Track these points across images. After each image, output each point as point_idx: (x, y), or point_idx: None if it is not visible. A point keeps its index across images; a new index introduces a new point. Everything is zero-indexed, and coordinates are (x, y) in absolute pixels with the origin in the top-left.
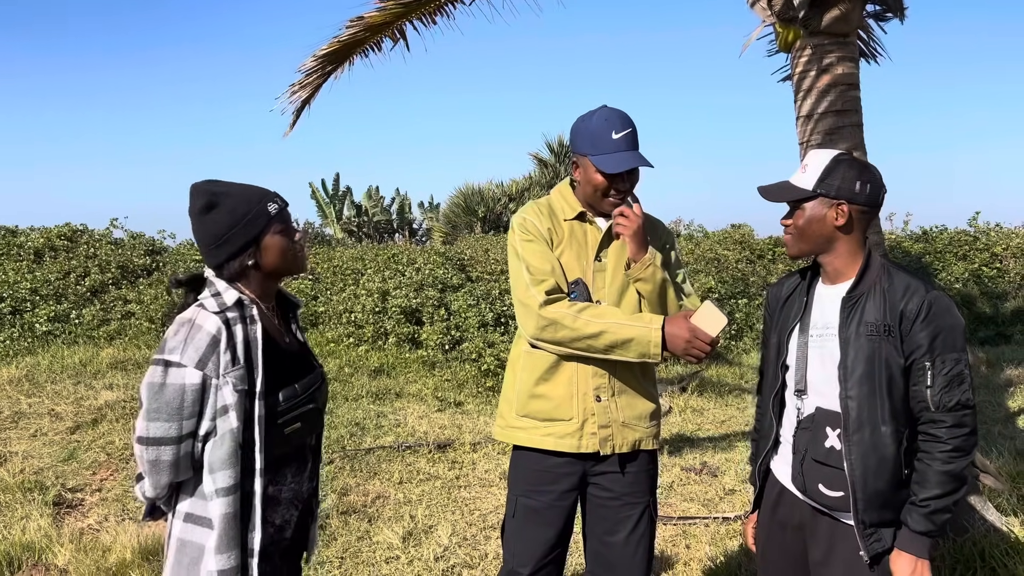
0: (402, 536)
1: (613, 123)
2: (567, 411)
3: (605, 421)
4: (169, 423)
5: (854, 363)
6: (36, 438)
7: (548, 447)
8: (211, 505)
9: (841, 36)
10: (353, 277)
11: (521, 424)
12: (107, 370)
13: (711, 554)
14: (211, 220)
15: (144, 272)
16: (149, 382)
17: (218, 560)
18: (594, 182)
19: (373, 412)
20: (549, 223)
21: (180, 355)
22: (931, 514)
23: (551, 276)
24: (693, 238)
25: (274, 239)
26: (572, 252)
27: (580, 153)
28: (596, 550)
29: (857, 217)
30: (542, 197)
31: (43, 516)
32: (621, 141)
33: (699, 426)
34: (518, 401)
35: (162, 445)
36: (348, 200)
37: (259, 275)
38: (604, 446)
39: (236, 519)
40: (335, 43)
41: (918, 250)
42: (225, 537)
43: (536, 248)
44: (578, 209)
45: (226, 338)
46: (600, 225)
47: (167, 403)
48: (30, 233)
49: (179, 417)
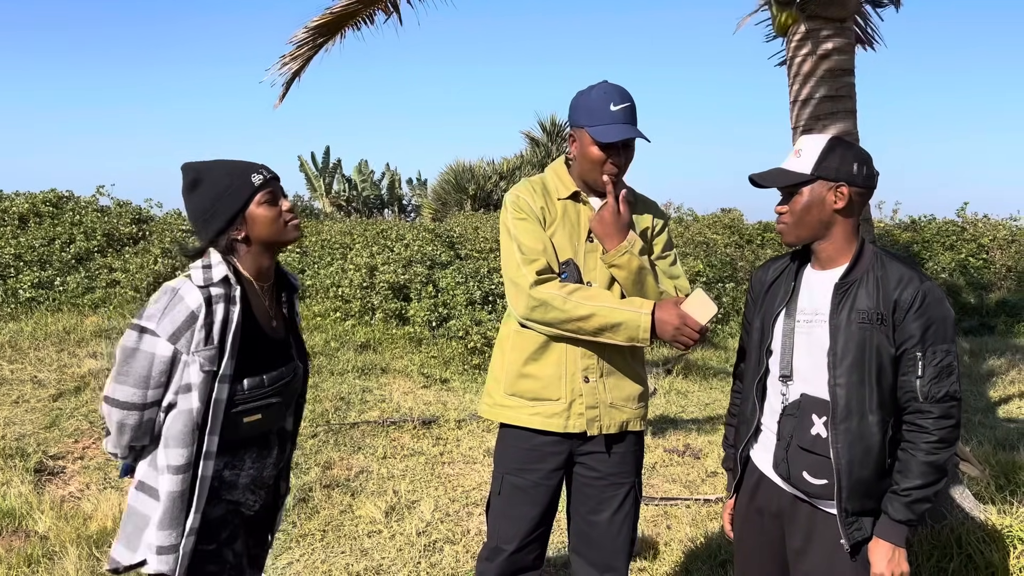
0: (385, 511)
1: (612, 96)
2: (555, 391)
3: (593, 402)
4: (135, 389)
5: (844, 350)
6: (18, 405)
7: (535, 426)
8: (161, 479)
9: (838, 21)
10: (341, 251)
11: (509, 403)
12: (91, 338)
13: (692, 535)
14: (197, 196)
15: (130, 240)
16: (123, 345)
17: (159, 536)
18: (590, 155)
19: (358, 387)
20: (542, 201)
21: (156, 324)
22: (912, 503)
23: (542, 256)
24: (683, 221)
25: (259, 209)
26: (564, 232)
27: (577, 125)
28: (580, 529)
29: (855, 200)
30: (536, 175)
31: (24, 483)
32: (619, 113)
33: (683, 408)
34: (506, 380)
35: (126, 409)
36: (338, 174)
37: (251, 249)
38: (591, 427)
39: (183, 498)
40: (327, 15)
41: (906, 239)
42: (168, 515)
43: (528, 227)
44: (572, 188)
45: (204, 315)
46: (594, 205)
47: (136, 369)
48: (15, 198)
49: (145, 385)
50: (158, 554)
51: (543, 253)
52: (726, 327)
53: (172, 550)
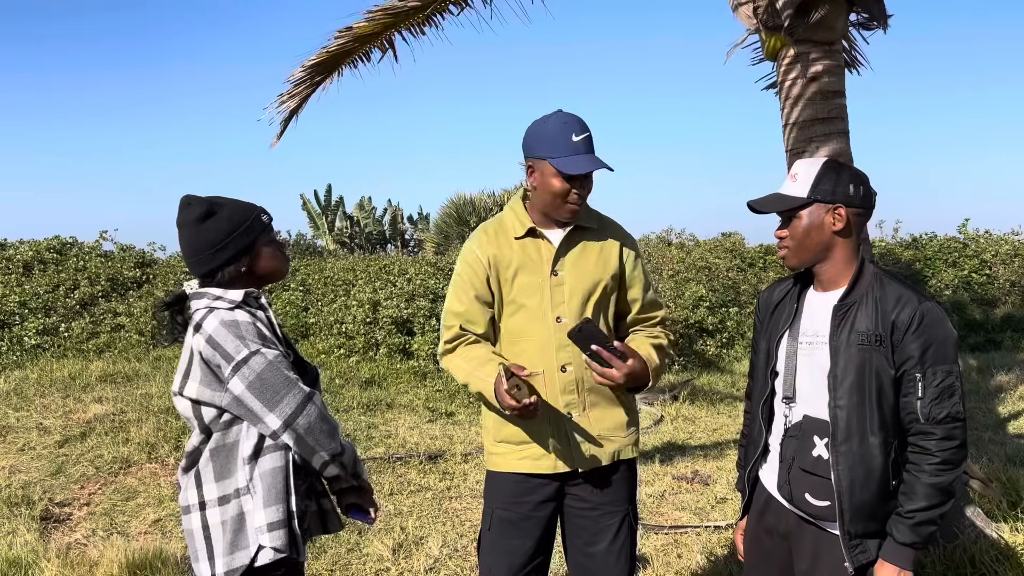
0: (392, 548)
1: (572, 126)
2: (540, 432)
3: (580, 439)
4: (288, 386)
5: (844, 372)
6: (24, 452)
7: (525, 470)
8: (249, 468)
9: (826, 44)
10: (344, 288)
11: (498, 450)
12: (96, 383)
13: (702, 563)
14: (209, 227)
15: (134, 284)
16: (248, 381)
17: (267, 514)
18: (552, 187)
19: (364, 423)
20: (495, 248)
21: (247, 344)
22: (917, 526)
23: (458, 320)
24: (684, 246)
25: (267, 247)
26: (527, 271)
27: (537, 157)
28: (578, 561)
29: (854, 221)
30: (496, 215)
31: (30, 531)
32: (580, 144)
33: (691, 434)
34: (493, 427)
35: (304, 407)
36: (340, 211)
37: (248, 280)
38: (582, 463)
39: (283, 472)
40: (323, 54)
41: (908, 257)
42: (274, 490)
43: (458, 285)
44: (528, 225)
45: (255, 322)
46: (551, 239)
47: (271, 379)
48: (19, 246)
49: (289, 378)
50: (269, 531)
51: (462, 315)
52: (731, 351)
53: (282, 524)
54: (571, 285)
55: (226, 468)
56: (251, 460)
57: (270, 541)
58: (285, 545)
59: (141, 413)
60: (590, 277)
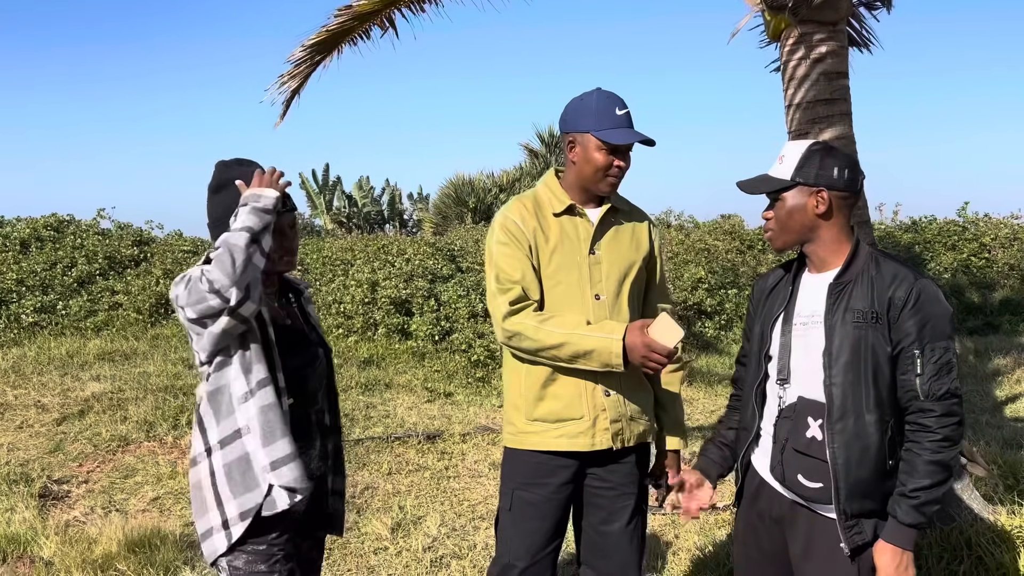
0: (391, 527)
1: (614, 101)
2: (578, 409)
3: (616, 415)
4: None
5: (839, 350)
6: (22, 430)
7: (562, 448)
8: (245, 407)
9: (830, 24)
10: (342, 268)
11: (533, 428)
12: (94, 361)
13: (700, 543)
14: (217, 201)
15: (132, 263)
16: (191, 274)
17: (269, 452)
18: (595, 161)
19: (362, 403)
20: (535, 221)
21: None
22: (921, 505)
23: (518, 284)
24: (683, 228)
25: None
26: (564, 249)
27: (580, 131)
28: (591, 539)
29: (837, 203)
30: (528, 191)
31: (28, 508)
32: (623, 118)
33: (689, 416)
34: (526, 406)
35: (252, 245)
36: (338, 191)
37: None
38: (616, 441)
39: (276, 408)
40: (324, 32)
41: (907, 240)
42: (268, 428)
43: (508, 252)
44: (567, 202)
45: None
46: (591, 217)
47: (194, 280)
48: (16, 224)
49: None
50: (273, 469)
51: (519, 281)
52: (729, 333)
53: (290, 458)
54: (608, 264)
55: (224, 409)
56: (243, 400)
57: (278, 479)
58: (296, 479)
59: (139, 391)
60: (626, 258)
